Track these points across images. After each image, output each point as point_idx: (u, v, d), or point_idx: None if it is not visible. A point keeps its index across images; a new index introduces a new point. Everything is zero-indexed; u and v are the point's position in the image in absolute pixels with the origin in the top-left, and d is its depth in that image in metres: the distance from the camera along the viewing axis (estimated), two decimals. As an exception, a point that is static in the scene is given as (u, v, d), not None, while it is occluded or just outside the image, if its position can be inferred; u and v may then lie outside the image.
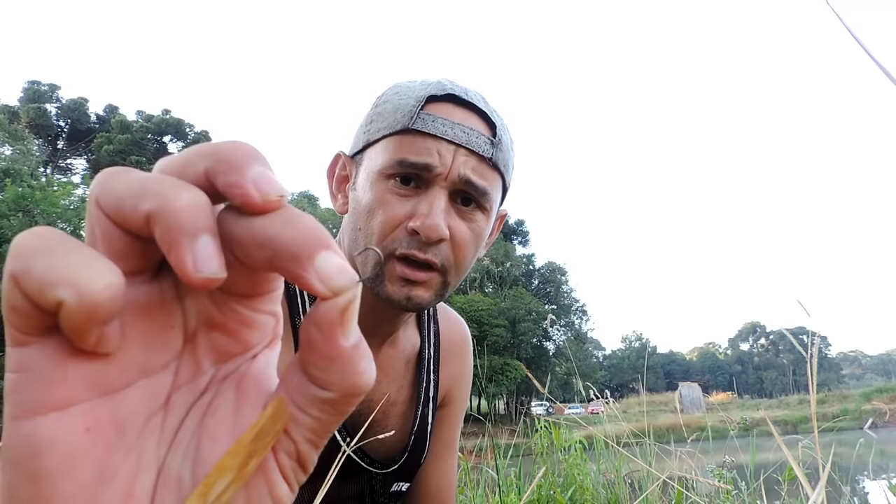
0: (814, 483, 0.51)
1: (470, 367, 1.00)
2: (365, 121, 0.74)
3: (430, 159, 0.67)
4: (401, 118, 0.68)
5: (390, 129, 0.69)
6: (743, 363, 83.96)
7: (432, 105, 0.69)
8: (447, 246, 0.69)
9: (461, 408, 1.00)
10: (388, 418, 0.85)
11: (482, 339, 28.76)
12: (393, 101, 0.71)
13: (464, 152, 0.68)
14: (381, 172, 0.69)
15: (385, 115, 0.70)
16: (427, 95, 0.69)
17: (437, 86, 0.71)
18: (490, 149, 0.70)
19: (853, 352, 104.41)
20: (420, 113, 0.68)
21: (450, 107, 0.70)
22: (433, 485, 0.94)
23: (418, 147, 0.67)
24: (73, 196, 23.01)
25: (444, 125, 0.68)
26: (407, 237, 0.67)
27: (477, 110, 0.71)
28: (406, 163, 0.67)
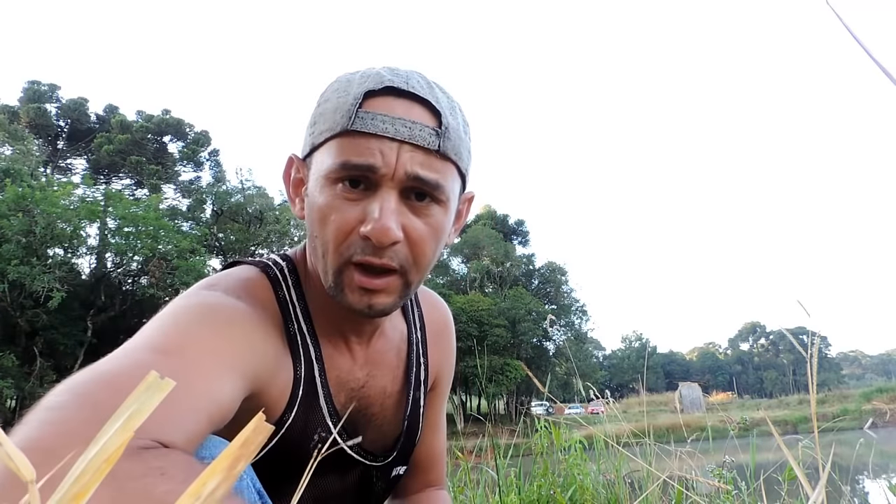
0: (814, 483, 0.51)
1: (454, 345, 1.01)
2: (310, 122, 0.72)
3: (372, 160, 0.64)
4: (340, 119, 0.66)
5: (331, 131, 0.66)
6: (743, 363, 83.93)
7: (371, 101, 0.66)
8: (403, 246, 0.67)
9: (447, 389, 1.02)
10: (386, 410, 0.85)
11: (482, 339, 28.73)
12: (332, 100, 0.68)
13: (408, 148, 0.65)
14: (327, 177, 0.66)
15: (326, 116, 0.68)
16: (364, 91, 0.66)
17: (374, 78, 0.67)
18: (436, 140, 0.66)
19: (853, 352, 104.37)
20: (358, 112, 0.65)
21: (389, 100, 0.66)
22: (422, 458, 0.98)
23: (360, 148, 0.64)
24: (73, 196, 23.00)
25: (383, 122, 0.64)
26: (361, 243, 0.65)
27: (419, 100, 0.67)
28: (349, 165, 0.65)
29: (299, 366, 0.74)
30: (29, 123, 29.14)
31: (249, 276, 0.75)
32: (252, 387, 0.66)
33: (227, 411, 0.59)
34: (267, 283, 0.75)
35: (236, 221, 30.72)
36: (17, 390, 20.25)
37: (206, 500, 0.18)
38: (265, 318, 0.71)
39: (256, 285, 0.74)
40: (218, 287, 0.70)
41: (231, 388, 0.60)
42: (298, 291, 0.77)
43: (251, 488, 0.60)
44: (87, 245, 24.36)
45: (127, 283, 26.09)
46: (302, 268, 0.79)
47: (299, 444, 0.74)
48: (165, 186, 31.15)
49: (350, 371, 0.80)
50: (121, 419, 0.19)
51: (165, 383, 0.19)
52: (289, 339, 0.74)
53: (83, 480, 0.18)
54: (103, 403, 0.47)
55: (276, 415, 0.72)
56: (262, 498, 0.63)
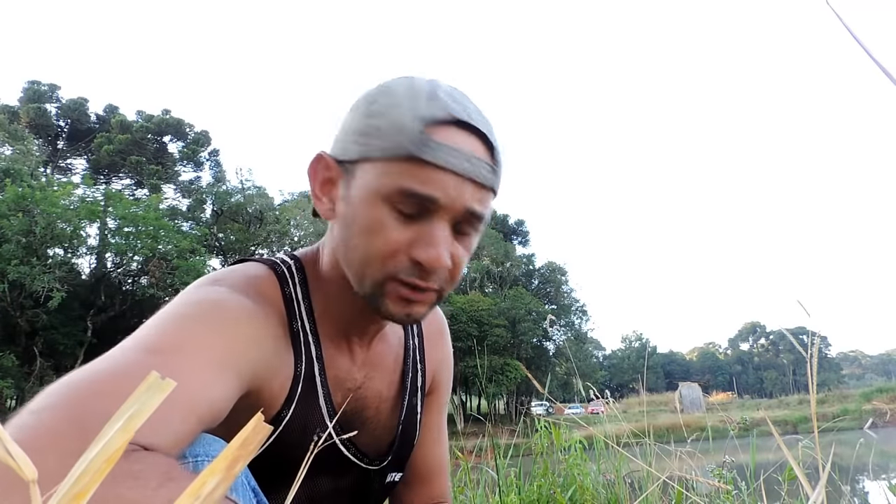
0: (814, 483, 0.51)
1: (450, 349, 1.01)
2: (357, 129, 0.70)
3: (436, 193, 0.65)
4: (405, 143, 0.64)
5: (393, 152, 0.65)
6: (743, 363, 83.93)
7: (436, 129, 0.65)
8: (445, 270, 0.69)
9: (446, 394, 1.01)
10: (381, 413, 0.86)
11: (482, 339, 28.72)
12: (391, 117, 0.66)
13: (469, 184, 0.66)
14: (379, 195, 0.66)
15: (384, 133, 0.66)
16: (432, 119, 0.65)
17: (439, 104, 0.66)
18: (491, 177, 0.69)
19: (853, 352, 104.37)
20: (426, 140, 0.64)
21: (454, 131, 0.66)
22: (423, 468, 0.96)
23: (423, 178, 0.64)
24: (73, 196, 22.99)
25: (449, 155, 0.65)
26: (409, 265, 0.67)
27: (478, 133, 0.68)
28: (410, 193, 0.65)
29: (300, 363, 0.74)
30: (29, 123, 29.14)
31: (257, 273, 0.76)
32: (250, 383, 0.66)
33: (218, 409, 0.59)
34: (274, 280, 0.76)
35: (236, 221, 30.73)
36: (17, 390, 20.25)
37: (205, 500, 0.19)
38: (268, 314, 0.71)
39: (263, 282, 0.75)
40: (222, 282, 0.71)
41: (224, 386, 0.60)
42: (304, 290, 0.78)
43: (245, 486, 0.60)
44: (87, 245, 24.37)
45: (127, 283, 26.09)
46: (311, 268, 0.80)
47: (297, 443, 0.74)
48: (165, 186, 31.17)
49: (349, 371, 0.81)
50: (121, 420, 0.19)
51: (166, 384, 0.19)
52: (292, 336, 0.74)
53: (84, 481, 0.18)
54: (84, 406, 0.48)
55: (274, 410, 0.72)
56: (257, 496, 0.63)
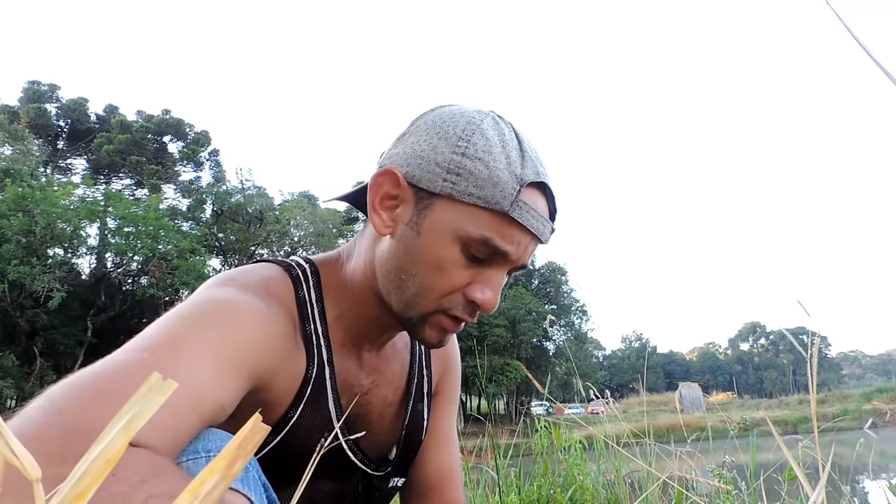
0: (814, 483, 0.51)
1: (456, 355, 1.01)
2: (445, 163, 0.69)
3: (511, 248, 0.69)
4: (500, 198, 0.67)
5: (485, 203, 0.67)
6: (743, 363, 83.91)
7: (527, 190, 0.69)
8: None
9: (452, 397, 1.00)
10: (385, 419, 0.86)
11: (482, 339, 28.70)
12: (487, 164, 0.68)
13: (535, 243, 0.72)
14: (458, 237, 0.69)
15: (478, 181, 0.67)
16: (528, 181, 0.69)
17: (531, 167, 0.70)
18: (551, 237, 0.74)
19: (853, 352, 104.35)
20: (518, 199, 0.68)
21: (538, 195, 0.71)
22: (432, 476, 0.95)
23: (505, 234, 0.68)
24: (73, 196, 22.98)
25: (535, 219, 0.69)
26: (463, 303, 0.71)
27: (551, 196, 0.73)
28: (490, 244, 0.68)
29: (311, 365, 0.75)
30: (29, 123, 29.12)
31: (270, 274, 0.76)
32: (256, 382, 0.67)
33: (221, 407, 0.60)
34: (288, 282, 0.76)
35: (236, 221, 30.72)
36: (17, 390, 20.24)
37: (204, 500, 0.19)
38: (278, 314, 0.71)
39: (277, 283, 0.75)
40: (234, 283, 0.71)
41: (227, 384, 0.61)
42: (318, 294, 0.78)
43: (257, 481, 0.60)
44: (87, 245, 24.35)
45: (127, 283, 26.08)
46: (327, 273, 0.80)
47: (303, 444, 0.74)
48: (165, 186, 31.14)
49: (356, 376, 0.81)
50: (122, 421, 0.19)
51: (168, 384, 0.20)
52: (304, 338, 0.75)
53: (85, 481, 0.18)
54: (86, 407, 0.49)
55: (282, 410, 0.73)
56: (267, 491, 0.63)
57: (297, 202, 32.03)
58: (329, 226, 29.85)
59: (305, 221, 30.84)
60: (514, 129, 0.73)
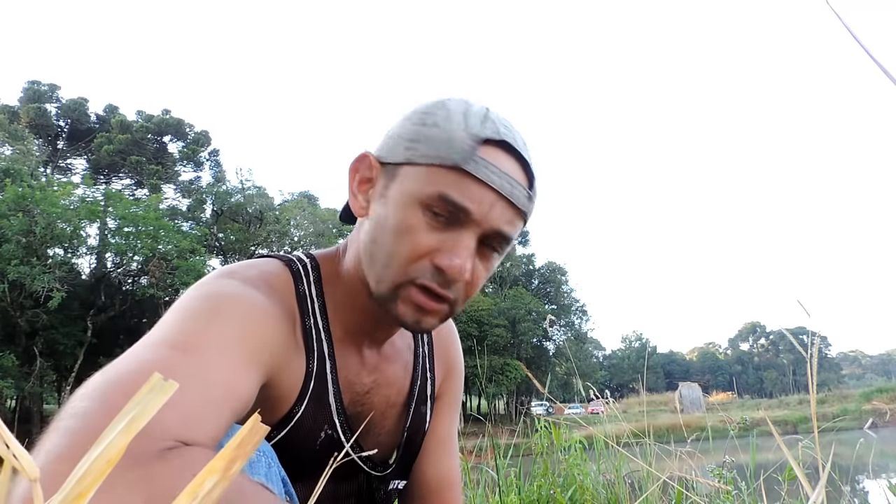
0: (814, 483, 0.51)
1: (459, 357, 1.00)
2: (407, 135, 0.71)
3: (470, 204, 0.67)
4: (453, 154, 0.67)
5: (439, 160, 0.67)
6: (743, 363, 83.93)
7: (485, 148, 0.68)
8: (462, 284, 0.71)
9: (455, 401, 0.99)
10: (387, 419, 0.86)
11: (482, 339, 28.71)
12: (444, 128, 0.69)
13: (503, 204, 0.69)
14: (417, 199, 0.68)
15: (434, 142, 0.68)
16: (485, 137, 0.68)
17: (492, 126, 0.69)
18: (526, 202, 0.71)
19: (853, 352, 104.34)
20: (474, 155, 0.67)
21: (501, 154, 0.69)
22: (432, 480, 0.94)
23: (462, 188, 0.67)
24: (73, 196, 22.99)
25: (492, 173, 0.67)
26: (431, 270, 0.68)
27: (522, 160, 0.71)
28: (447, 200, 0.67)
29: (312, 360, 0.75)
30: (29, 123, 29.13)
31: (271, 269, 0.76)
32: (266, 377, 0.67)
33: (247, 401, 0.60)
34: (288, 277, 0.76)
35: (236, 221, 30.73)
36: (17, 390, 20.27)
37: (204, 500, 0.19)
38: (281, 309, 0.71)
39: (277, 277, 0.75)
40: (236, 276, 0.71)
41: (248, 379, 0.61)
42: (318, 289, 0.78)
43: (277, 476, 0.60)
44: (87, 245, 24.37)
45: (127, 283, 26.09)
46: (327, 268, 0.80)
47: (306, 440, 0.74)
48: (165, 186, 31.16)
49: (358, 375, 0.81)
50: (123, 421, 0.19)
51: (169, 385, 0.19)
52: (304, 333, 0.75)
53: (86, 481, 0.18)
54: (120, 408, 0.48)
55: (287, 406, 0.73)
56: (286, 486, 0.63)
57: (297, 202, 32.04)
58: (329, 226, 29.83)
59: (305, 221, 30.85)
60: (489, 109, 0.73)
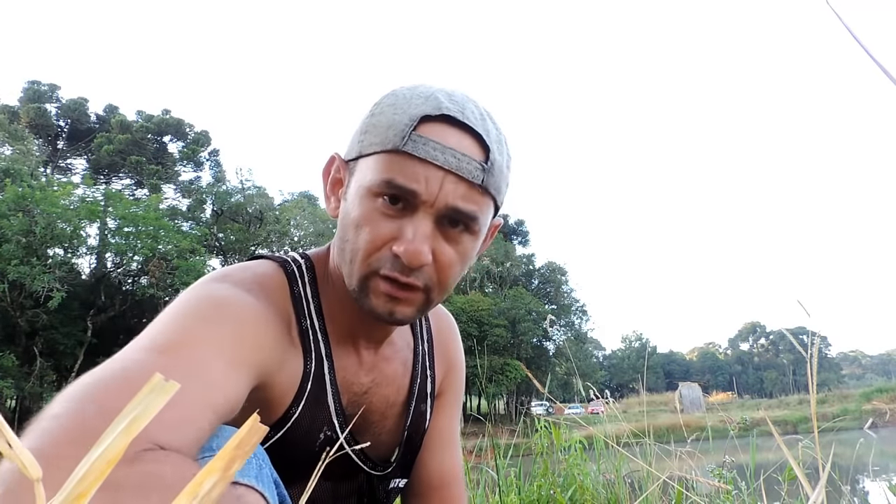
0: (814, 483, 0.51)
1: (460, 355, 1.00)
2: (360, 128, 0.72)
3: (416, 186, 0.65)
4: (392, 137, 0.66)
5: (381, 146, 0.67)
6: (743, 363, 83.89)
7: (426, 125, 0.66)
8: (431, 268, 0.69)
9: (456, 398, 0.99)
10: (387, 419, 0.85)
11: (482, 339, 28.70)
12: (387, 115, 0.69)
13: (452, 179, 0.66)
14: (369, 189, 0.68)
15: (378, 130, 0.68)
16: (421, 115, 0.66)
17: (432, 102, 0.68)
18: (481, 174, 0.68)
19: (853, 352, 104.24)
20: (412, 134, 0.66)
21: (444, 128, 0.67)
22: (434, 477, 0.94)
23: (406, 171, 0.66)
24: (73, 196, 22.98)
25: (434, 149, 0.65)
26: (391, 259, 0.67)
27: (472, 132, 0.68)
28: (393, 184, 0.66)
29: (309, 361, 0.74)
30: (29, 123, 29.13)
31: (265, 271, 0.76)
32: (258, 379, 0.67)
33: (233, 403, 0.60)
34: (283, 278, 0.76)
35: (236, 221, 30.72)
36: (17, 390, 20.25)
37: (203, 500, 0.19)
38: (274, 311, 0.71)
39: (271, 279, 0.75)
40: (228, 279, 0.71)
41: (237, 380, 0.61)
42: (314, 289, 0.78)
43: (269, 478, 0.60)
44: (87, 245, 24.34)
45: (127, 283, 26.08)
46: (321, 267, 0.80)
47: (304, 441, 0.74)
48: (165, 186, 31.15)
49: (356, 374, 0.80)
50: (124, 422, 0.19)
51: (170, 385, 0.19)
52: (300, 334, 0.74)
53: (87, 481, 0.18)
54: (102, 410, 0.48)
55: (283, 408, 0.73)
56: (279, 488, 0.63)
57: (297, 202, 32.04)
58: (329, 226, 29.83)
59: (305, 221, 30.86)
60: (443, 87, 0.72)
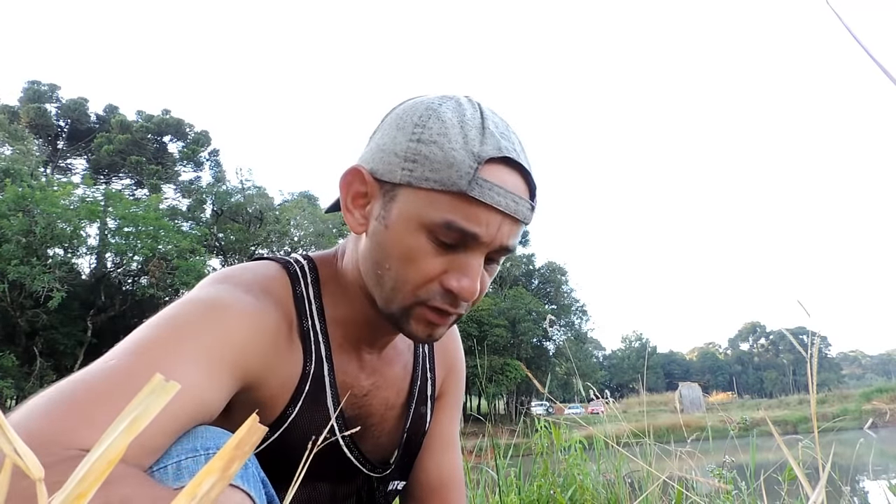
0: (814, 483, 0.51)
1: (460, 357, 1.00)
2: (403, 153, 0.68)
3: (478, 230, 0.66)
4: (456, 178, 0.64)
5: (442, 185, 0.65)
6: (743, 363, 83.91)
7: (488, 167, 0.65)
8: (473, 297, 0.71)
9: (455, 401, 0.99)
10: (386, 421, 0.85)
11: (482, 339, 28.72)
12: (442, 146, 0.66)
13: (509, 221, 0.67)
14: (422, 224, 0.67)
15: (434, 164, 0.65)
16: (486, 157, 0.65)
17: (492, 141, 0.66)
18: (531, 215, 0.70)
19: (853, 352, 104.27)
20: (477, 178, 0.64)
21: (504, 171, 0.67)
22: (433, 479, 0.94)
23: (470, 214, 0.65)
24: (73, 196, 22.98)
25: (499, 195, 0.65)
26: (441, 292, 0.69)
27: (523, 171, 0.68)
28: (454, 227, 0.65)
29: (309, 362, 0.74)
30: (29, 123, 29.12)
31: (267, 272, 0.76)
32: (248, 381, 0.67)
33: (210, 406, 0.60)
34: (285, 279, 0.76)
35: (236, 221, 30.72)
36: (17, 390, 20.23)
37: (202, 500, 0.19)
38: (275, 311, 0.71)
39: (274, 280, 0.75)
40: (229, 280, 0.71)
41: (216, 384, 0.61)
42: (316, 291, 0.78)
43: (256, 478, 0.60)
44: (87, 245, 24.34)
45: (127, 283, 26.09)
46: (325, 270, 0.80)
47: (300, 443, 0.74)
48: (165, 186, 31.14)
49: (356, 377, 0.80)
50: (125, 422, 0.19)
51: (171, 386, 0.20)
52: (301, 335, 0.74)
53: (87, 482, 0.18)
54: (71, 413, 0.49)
55: (279, 408, 0.72)
56: (266, 487, 0.63)
57: (297, 202, 32.02)
58: (329, 226, 29.82)
59: (305, 221, 30.84)
60: (482, 109, 0.71)
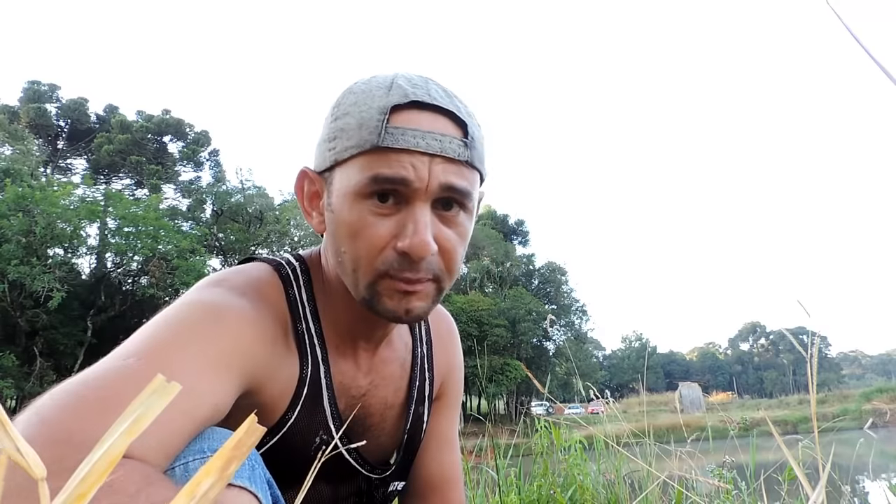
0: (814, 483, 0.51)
1: (459, 357, 0.99)
2: (327, 136, 0.70)
3: (405, 173, 0.64)
4: (367, 135, 0.64)
5: (358, 147, 0.65)
6: (743, 363, 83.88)
7: (397, 115, 0.65)
8: (436, 257, 0.68)
9: (455, 401, 0.99)
10: (385, 421, 0.85)
11: (482, 339, 28.68)
12: (353, 114, 0.67)
13: (439, 161, 0.65)
14: (356, 193, 0.66)
15: (349, 132, 0.66)
16: (390, 106, 0.65)
17: (397, 91, 0.66)
18: (465, 151, 0.67)
19: (853, 352, 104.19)
20: (386, 128, 0.64)
21: (416, 114, 0.66)
22: (433, 478, 0.94)
23: (391, 162, 0.64)
24: (73, 196, 22.97)
25: (413, 137, 0.64)
26: (397, 258, 0.66)
27: (444, 111, 0.67)
28: (381, 178, 0.64)
29: (305, 365, 0.74)
30: (29, 123, 29.11)
31: (260, 275, 0.75)
32: (248, 384, 0.66)
33: (215, 410, 0.60)
34: (278, 282, 0.76)
35: (236, 221, 30.71)
36: (17, 390, 20.23)
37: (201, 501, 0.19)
38: (270, 315, 0.71)
39: (267, 283, 0.74)
40: (224, 284, 0.70)
41: (220, 387, 0.60)
42: (309, 292, 0.77)
43: (262, 479, 0.60)
44: (87, 245, 24.34)
45: (127, 283, 26.07)
46: (315, 270, 0.79)
47: (301, 445, 0.74)
48: (165, 186, 31.13)
49: (353, 377, 0.80)
50: (125, 423, 0.19)
51: (171, 387, 0.20)
52: (296, 338, 0.74)
53: (88, 482, 0.18)
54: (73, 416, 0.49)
55: (278, 412, 0.72)
56: (272, 489, 0.63)
57: (297, 203, 31.93)
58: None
59: (305, 221, 30.77)
60: (398, 73, 0.70)
